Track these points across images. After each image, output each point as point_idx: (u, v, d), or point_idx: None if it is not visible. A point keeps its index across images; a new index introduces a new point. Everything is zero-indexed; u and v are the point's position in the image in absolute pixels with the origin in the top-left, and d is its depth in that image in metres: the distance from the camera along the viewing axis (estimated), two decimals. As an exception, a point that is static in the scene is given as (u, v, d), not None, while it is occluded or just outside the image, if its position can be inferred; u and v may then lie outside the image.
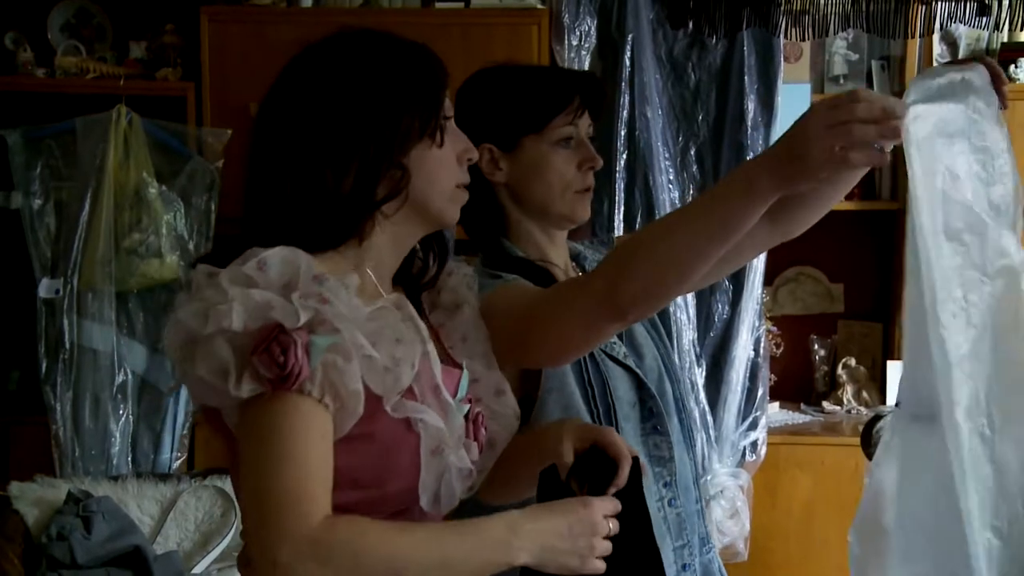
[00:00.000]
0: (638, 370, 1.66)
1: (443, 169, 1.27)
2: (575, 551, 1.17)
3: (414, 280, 1.36)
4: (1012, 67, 3.34)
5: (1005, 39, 3.42)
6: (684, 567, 1.67)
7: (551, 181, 1.62)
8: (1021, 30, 3.14)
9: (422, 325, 1.24)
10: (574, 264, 1.75)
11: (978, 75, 1.29)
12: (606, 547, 1.19)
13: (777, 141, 1.24)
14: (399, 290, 1.33)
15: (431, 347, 1.24)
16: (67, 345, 3.23)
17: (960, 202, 1.26)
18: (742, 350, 3.33)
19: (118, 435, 3.25)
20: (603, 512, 1.20)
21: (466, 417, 1.29)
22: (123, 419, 3.26)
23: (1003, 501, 1.27)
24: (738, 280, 3.31)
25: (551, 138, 1.61)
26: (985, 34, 3.44)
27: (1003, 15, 1.62)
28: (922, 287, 1.24)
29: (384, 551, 1.10)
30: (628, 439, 1.62)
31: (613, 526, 1.21)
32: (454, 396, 1.27)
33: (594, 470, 1.29)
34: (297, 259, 1.15)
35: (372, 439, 1.17)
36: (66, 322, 3.22)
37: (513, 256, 1.64)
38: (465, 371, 1.32)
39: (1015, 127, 1.43)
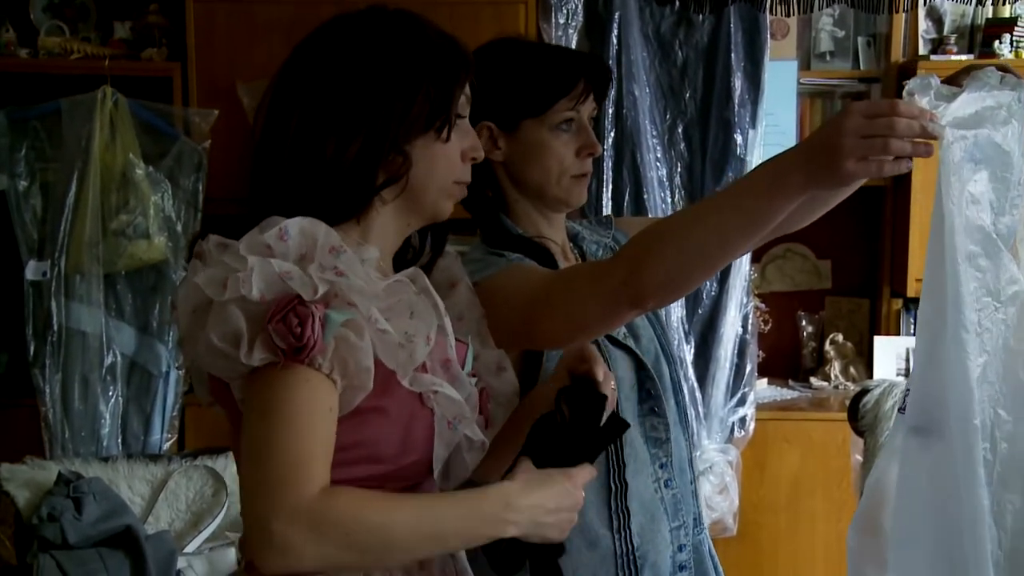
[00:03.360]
0: (637, 351, 1.67)
1: (445, 164, 1.26)
2: (558, 524, 1.20)
3: (409, 264, 1.34)
4: (996, 42, 3.35)
5: (990, 15, 3.44)
6: (680, 548, 1.68)
7: (548, 165, 1.61)
8: (1004, 4, 3.16)
9: (438, 299, 1.24)
10: (572, 244, 1.75)
11: (1018, 96, 1.28)
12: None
13: (809, 138, 1.21)
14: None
15: (447, 321, 1.24)
16: (55, 327, 3.22)
17: (979, 227, 1.27)
18: (730, 327, 3.35)
19: (108, 416, 3.25)
20: (583, 484, 1.22)
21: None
22: (113, 400, 3.26)
23: (1000, 530, 1.30)
24: (726, 257, 3.32)
25: (552, 122, 1.60)
26: (970, 9, 3.46)
27: (987, -10, 1.63)
28: (941, 306, 1.25)
29: (378, 521, 1.11)
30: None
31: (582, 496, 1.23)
32: (462, 370, 1.27)
33: (580, 398, 1.29)
34: (316, 230, 1.15)
35: (386, 413, 1.18)
36: (54, 304, 3.22)
37: (513, 234, 1.64)
38: (471, 346, 1.33)
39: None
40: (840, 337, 3.64)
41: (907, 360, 3.48)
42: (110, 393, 3.26)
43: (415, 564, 1.25)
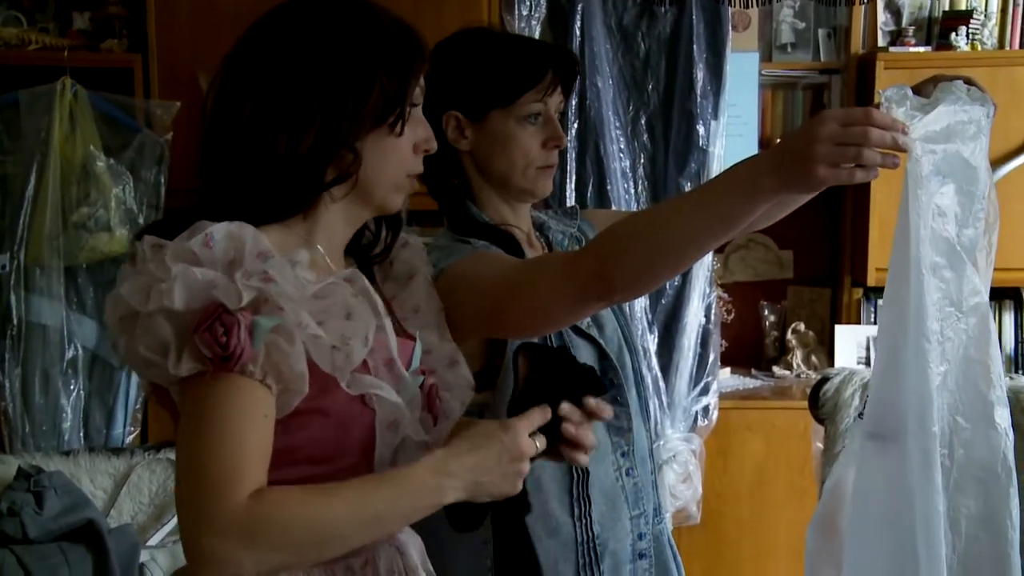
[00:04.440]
0: (601, 341, 1.67)
1: (396, 158, 1.24)
2: (504, 478, 1.18)
3: (365, 251, 1.35)
4: (953, 34, 3.39)
5: (947, 7, 3.47)
6: (640, 536, 1.70)
7: (514, 157, 1.63)
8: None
9: (377, 299, 1.22)
10: (538, 233, 1.76)
11: (987, 112, 1.30)
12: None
13: (782, 142, 1.22)
14: (351, 262, 1.32)
15: (387, 321, 1.22)
16: (15, 321, 3.18)
17: (945, 239, 1.29)
18: (693, 317, 3.35)
19: (69, 410, 3.22)
20: (527, 431, 1.19)
21: (420, 388, 1.27)
22: (74, 394, 3.23)
23: (955, 535, 1.33)
24: (689, 248, 3.33)
25: (519, 113, 1.61)
26: (927, 2, 3.48)
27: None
28: (903, 315, 1.27)
29: (311, 515, 1.09)
30: None
31: (540, 443, 1.21)
32: (407, 368, 1.26)
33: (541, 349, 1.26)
34: (243, 234, 1.13)
35: (326, 414, 1.17)
36: (13, 297, 3.18)
37: (479, 221, 1.64)
38: (418, 342, 1.30)
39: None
40: (802, 326, 3.66)
41: (867, 348, 3.50)
42: (71, 387, 3.22)
43: (359, 561, 1.23)
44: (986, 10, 3.42)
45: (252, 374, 1.09)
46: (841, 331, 3.54)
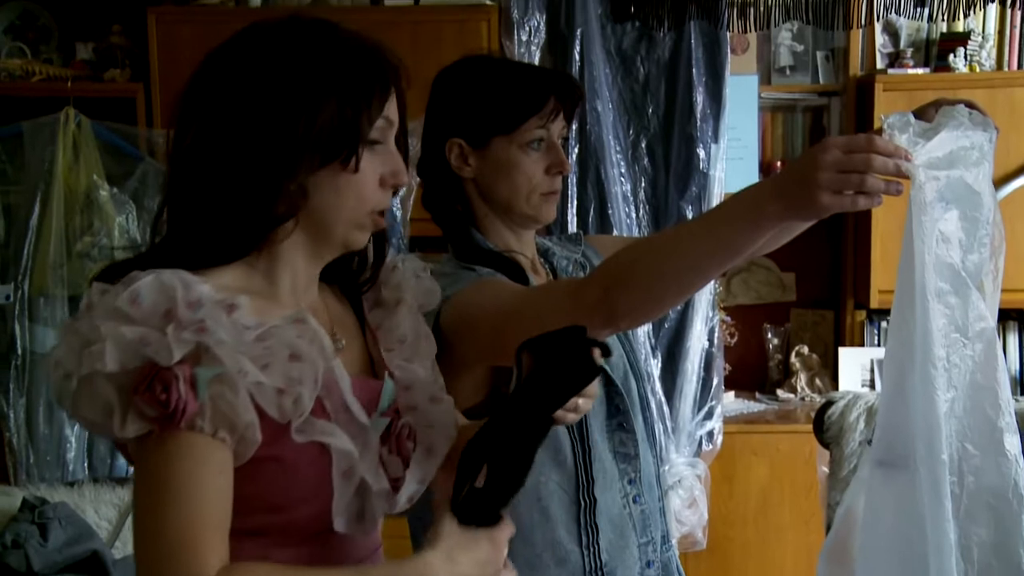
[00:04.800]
0: (606, 367, 1.66)
1: (354, 195, 1.15)
2: None
3: (353, 277, 1.29)
4: (951, 56, 3.40)
5: (944, 29, 3.49)
6: (648, 564, 1.67)
7: (518, 183, 1.62)
8: (955, 20, 3.21)
9: (326, 341, 1.14)
10: (542, 260, 1.75)
11: (989, 137, 1.30)
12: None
13: (786, 170, 1.22)
14: (335, 290, 1.28)
15: (336, 362, 1.15)
16: (19, 351, 3.17)
17: (949, 265, 1.29)
18: (696, 340, 3.34)
19: (74, 441, 3.20)
20: (505, 542, 1.15)
21: (389, 431, 1.20)
22: (78, 425, 3.22)
23: (967, 563, 1.31)
24: (691, 271, 3.33)
25: (521, 140, 1.60)
26: (925, 24, 3.50)
27: (937, 7, 1.65)
28: (909, 342, 1.26)
29: None
30: (594, 436, 1.63)
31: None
32: (374, 409, 1.19)
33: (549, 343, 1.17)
34: (172, 284, 1.06)
35: (281, 462, 1.11)
36: (17, 328, 3.17)
37: (484, 248, 1.63)
38: (388, 382, 1.23)
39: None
40: (805, 349, 3.66)
41: (872, 371, 3.50)
42: (75, 417, 3.22)
43: None
44: (983, 31, 3.44)
45: (202, 429, 1.04)
46: (845, 354, 3.53)
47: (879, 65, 3.53)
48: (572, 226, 3.26)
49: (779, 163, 3.60)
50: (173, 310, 1.05)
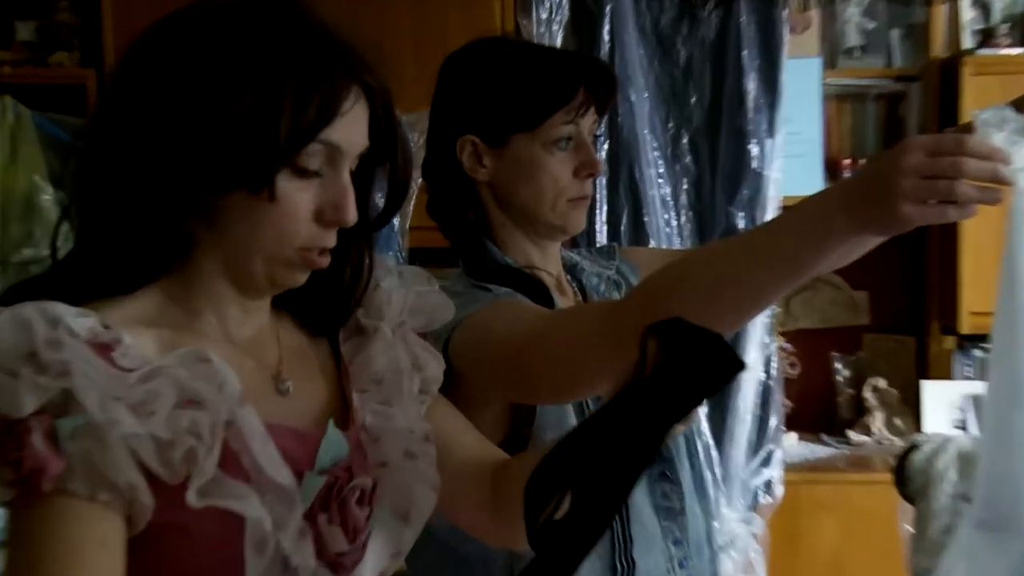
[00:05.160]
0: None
1: (270, 227, 1.11)
2: None
3: (350, 285, 1.25)
4: (1056, 33, 3.39)
5: (1046, 0, 3.48)
6: (696, 637, 1.66)
7: (542, 187, 1.61)
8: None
9: (235, 384, 1.09)
10: (569, 277, 1.74)
11: None
12: None
13: (857, 175, 1.19)
14: (284, 316, 1.24)
15: (247, 409, 1.09)
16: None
17: None
18: (750, 372, 3.32)
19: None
20: None
21: (330, 494, 1.15)
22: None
23: None
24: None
25: (546, 138, 1.60)
26: (1021, -5, 3.49)
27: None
28: (1014, 377, 1.24)
29: None
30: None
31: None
32: (310, 467, 1.14)
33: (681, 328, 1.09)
34: (31, 321, 1.01)
35: (184, 530, 1.06)
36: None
37: (500, 264, 1.62)
38: (331, 431, 1.18)
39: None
40: (882, 383, 3.65)
41: (963, 409, 3.47)
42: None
43: None
44: (1093, 4, 3.43)
45: (74, 492, 1.00)
46: (930, 388, 3.52)
47: (966, 44, 3.52)
48: (602, 236, 3.26)
49: (847, 161, 3.59)
50: (33, 351, 1.01)
